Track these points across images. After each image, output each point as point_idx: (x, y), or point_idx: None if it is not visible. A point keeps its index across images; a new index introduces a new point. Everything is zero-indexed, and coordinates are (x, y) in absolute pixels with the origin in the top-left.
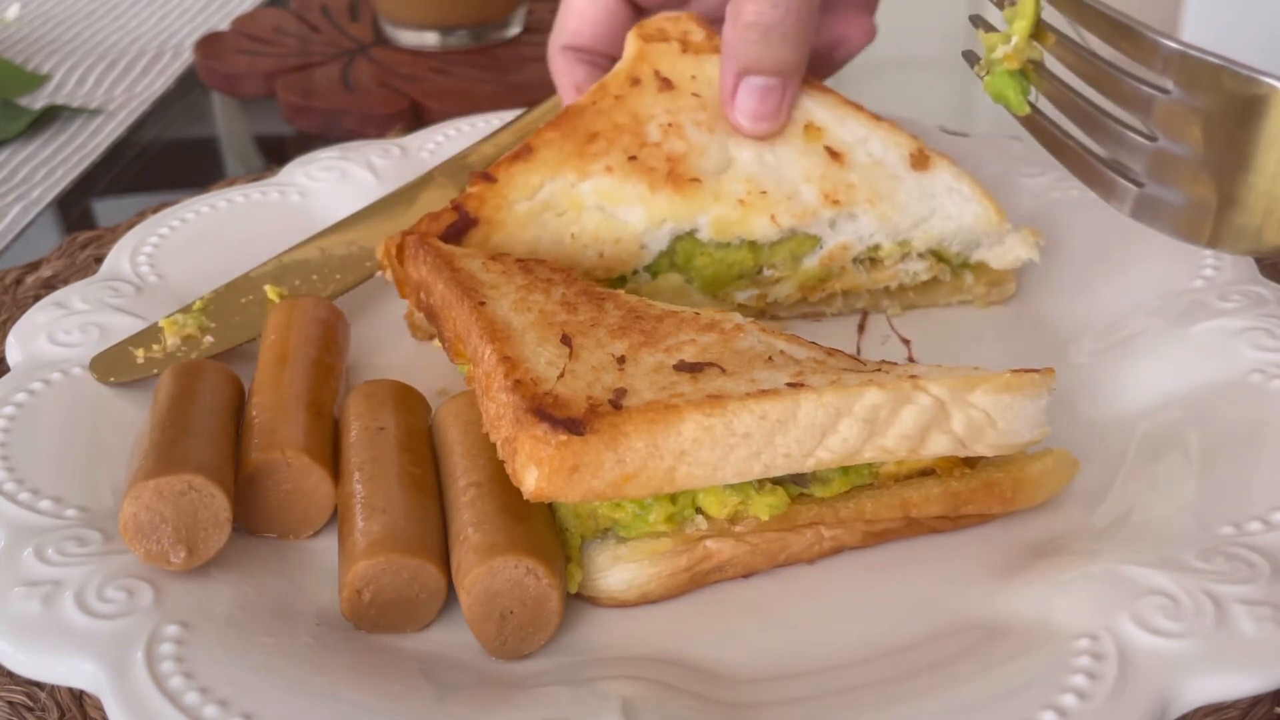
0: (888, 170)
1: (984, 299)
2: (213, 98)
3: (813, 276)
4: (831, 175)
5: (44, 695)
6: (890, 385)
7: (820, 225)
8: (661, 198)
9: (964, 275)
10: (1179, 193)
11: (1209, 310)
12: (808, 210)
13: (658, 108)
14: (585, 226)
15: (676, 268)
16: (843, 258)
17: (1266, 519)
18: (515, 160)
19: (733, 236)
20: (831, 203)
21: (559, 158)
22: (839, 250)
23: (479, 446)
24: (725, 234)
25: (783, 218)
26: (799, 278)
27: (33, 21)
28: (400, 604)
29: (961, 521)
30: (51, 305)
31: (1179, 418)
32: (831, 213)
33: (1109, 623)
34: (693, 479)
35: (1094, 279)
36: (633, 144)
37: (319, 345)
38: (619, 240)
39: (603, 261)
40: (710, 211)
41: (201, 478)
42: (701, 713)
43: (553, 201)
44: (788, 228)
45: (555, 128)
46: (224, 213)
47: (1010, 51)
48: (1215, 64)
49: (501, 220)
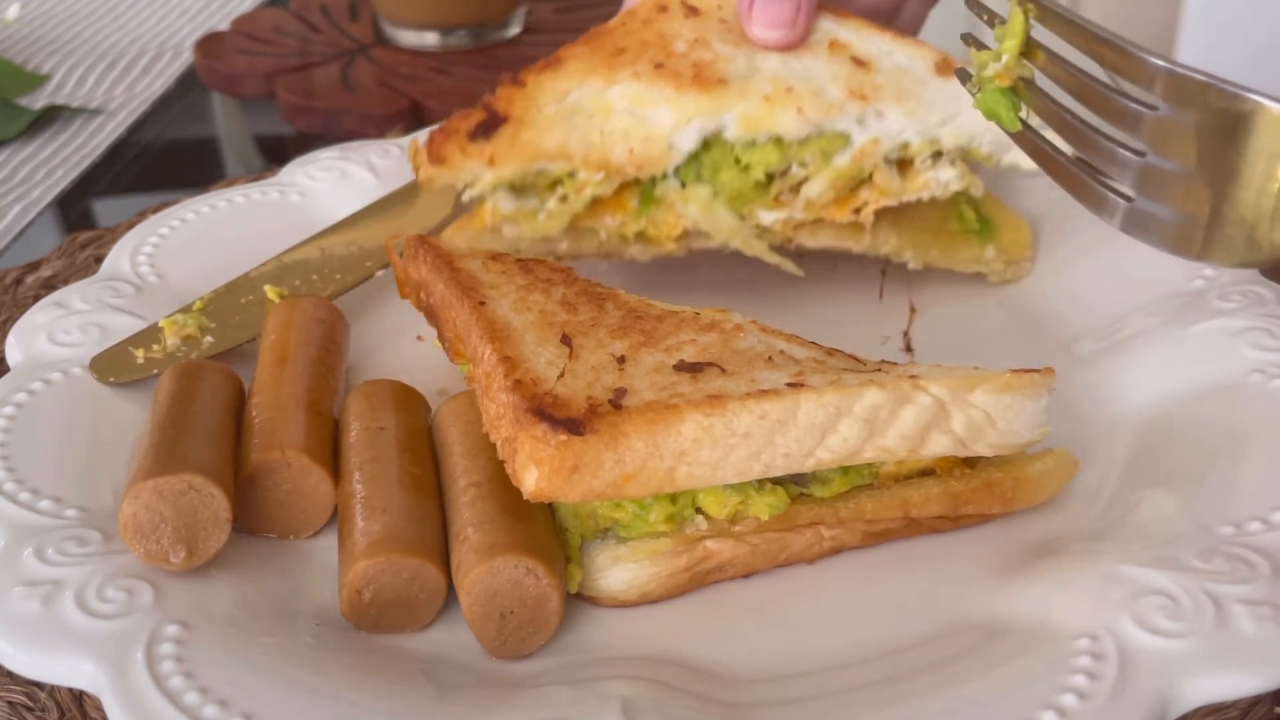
0: (914, 75)
1: (1000, 275)
2: (213, 98)
3: (844, 174)
4: (858, 77)
5: (44, 695)
6: (890, 385)
7: (848, 121)
8: (688, 98)
9: (985, 246)
10: (1168, 207)
11: (1209, 310)
12: (834, 105)
13: (684, 29)
14: (614, 126)
15: (704, 180)
16: (874, 154)
17: (1266, 519)
18: (544, 69)
19: (760, 132)
20: (858, 98)
21: (587, 67)
22: (870, 145)
23: (479, 446)
24: (753, 129)
25: (810, 112)
26: (831, 174)
27: (33, 21)
28: (400, 604)
29: (961, 521)
30: (51, 305)
31: (1179, 418)
32: (859, 108)
33: (1109, 623)
34: (693, 479)
35: (1094, 279)
36: (659, 55)
37: (319, 345)
38: (648, 138)
39: (633, 158)
40: (736, 108)
41: (201, 477)
42: (701, 713)
43: (581, 105)
44: (815, 123)
45: (584, 44)
46: (224, 213)
47: (1001, 69)
48: (1202, 81)
49: (531, 120)
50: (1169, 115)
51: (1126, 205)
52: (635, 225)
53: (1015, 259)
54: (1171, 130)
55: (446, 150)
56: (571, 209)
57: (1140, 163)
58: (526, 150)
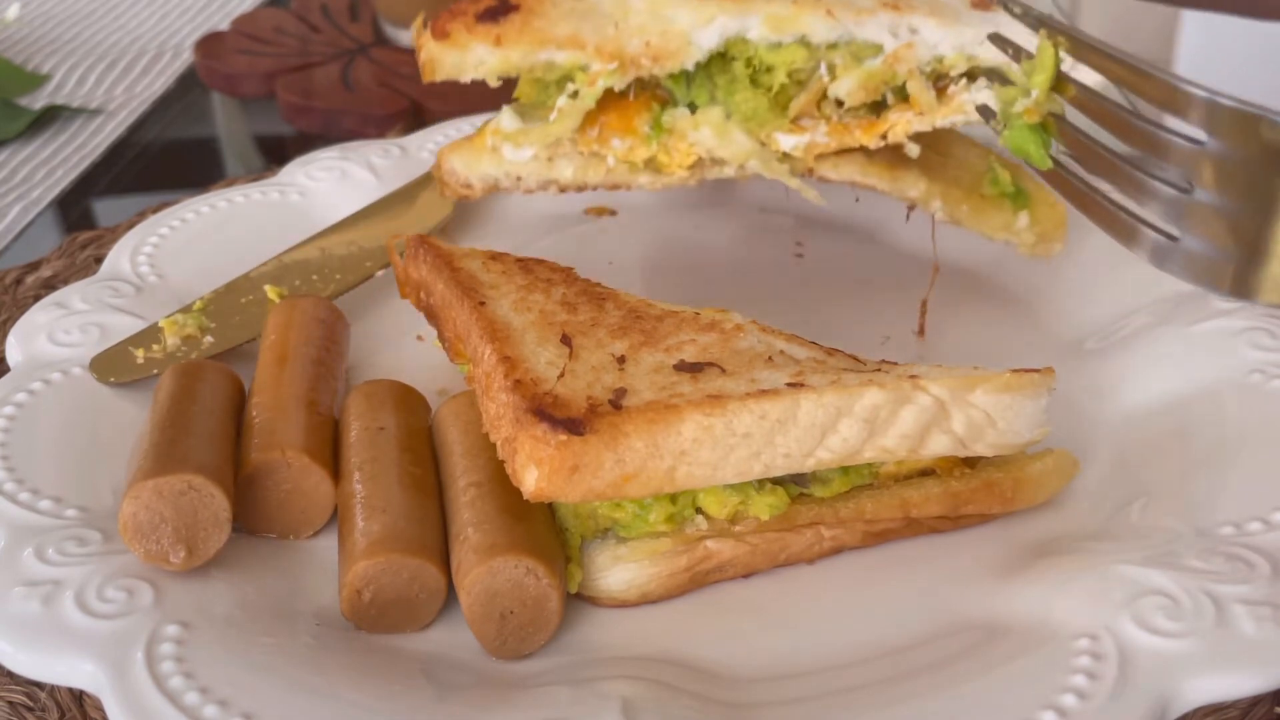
0: (950, 4)
1: (1030, 248)
2: (213, 98)
3: (876, 77)
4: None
5: (44, 695)
6: (890, 385)
7: (880, 29)
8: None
9: (1018, 214)
10: (1208, 241)
11: (1209, 310)
12: (866, 10)
13: None
14: (631, 22)
15: (717, 101)
16: (908, 59)
17: (1266, 519)
18: None
19: (785, 33)
20: (891, 7)
21: None
22: (904, 50)
23: (479, 446)
24: (778, 30)
25: (840, 12)
26: (861, 74)
27: (33, 21)
28: (400, 604)
29: (961, 521)
30: (51, 305)
31: (1179, 417)
32: (892, 17)
33: (1109, 623)
34: (693, 479)
35: (1095, 279)
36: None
37: (319, 345)
38: (666, 32)
39: (649, 50)
40: (762, 9)
41: (201, 477)
42: (701, 713)
43: (598, 4)
44: (845, 27)
45: None
46: (224, 213)
47: (1031, 105)
48: (1255, 114)
49: (543, 10)
50: (1215, 148)
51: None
52: (645, 150)
53: (1048, 234)
54: (1217, 163)
55: (452, 27)
56: (583, 105)
57: (1183, 198)
58: (536, 36)
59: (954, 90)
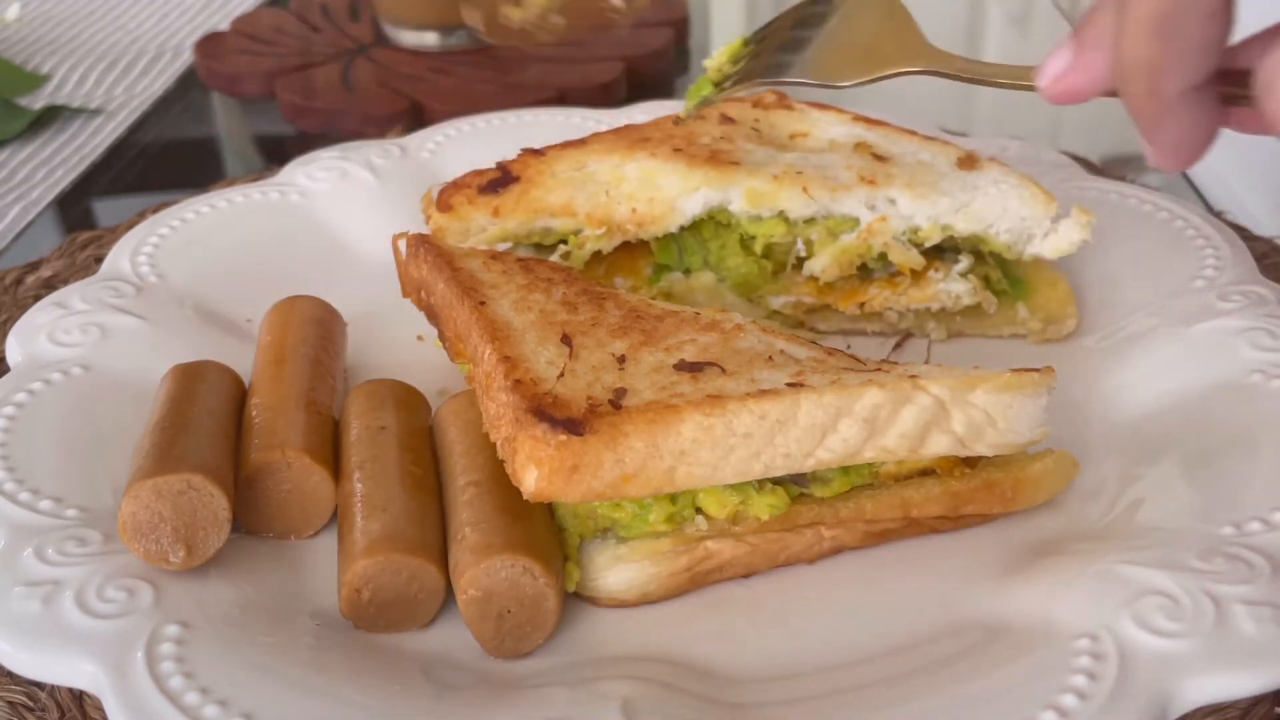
0: (933, 169)
1: (1040, 335)
2: (213, 98)
3: (850, 251)
4: (872, 166)
5: (44, 695)
6: (890, 385)
7: (856, 204)
8: (699, 172)
9: (1016, 306)
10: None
11: (1209, 310)
12: (842, 187)
13: (714, 131)
14: (623, 190)
15: (710, 266)
16: (883, 231)
17: (1266, 519)
18: (567, 146)
19: (764, 207)
20: (868, 182)
21: (608, 148)
22: (878, 223)
23: (479, 446)
24: (757, 204)
25: (816, 191)
26: (835, 250)
27: (33, 21)
28: (400, 603)
29: (961, 521)
30: (51, 305)
31: (1179, 417)
32: (868, 192)
33: (1109, 623)
34: (693, 479)
35: (1095, 279)
36: (682, 144)
37: (317, 345)
38: (653, 199)
39: (635, 216)
40: (743, 184)
41: (200, 477)
42: (701, 713)
43: (595, 174)
44: (821, 203)
45: (612, 133)
46: (224, 213)
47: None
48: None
49: (542, 181)
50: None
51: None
52: (648, 292)
53: (1054, 315)
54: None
55: (455, 200)
56: (574, 265)
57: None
58: (532, 206)
59: (931, 277)
